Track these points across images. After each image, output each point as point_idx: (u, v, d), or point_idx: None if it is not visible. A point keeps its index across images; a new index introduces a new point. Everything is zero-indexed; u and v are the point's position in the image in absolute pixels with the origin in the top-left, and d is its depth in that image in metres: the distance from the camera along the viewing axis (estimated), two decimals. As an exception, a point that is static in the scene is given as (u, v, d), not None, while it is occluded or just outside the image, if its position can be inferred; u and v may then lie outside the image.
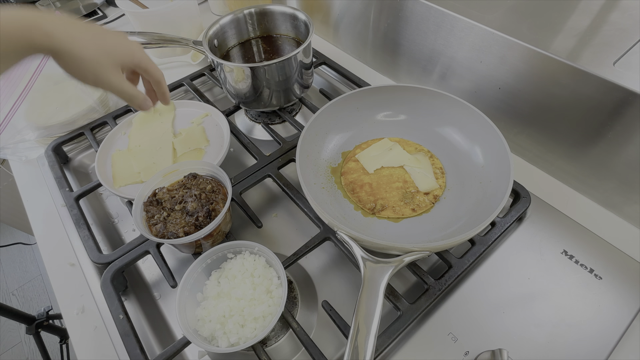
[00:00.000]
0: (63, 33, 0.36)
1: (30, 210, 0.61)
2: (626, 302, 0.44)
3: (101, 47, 0.39)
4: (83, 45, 0.38)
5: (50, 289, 1.57)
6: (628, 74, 0.45)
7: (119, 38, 0.42)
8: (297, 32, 0.70)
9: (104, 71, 0.40)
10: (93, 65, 0.39)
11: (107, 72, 0.40)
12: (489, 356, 0.39)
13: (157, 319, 0.51)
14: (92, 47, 0.38)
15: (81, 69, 0.39)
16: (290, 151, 0.61)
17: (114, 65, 0.41)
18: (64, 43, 0.36)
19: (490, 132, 0.51)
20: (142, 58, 0.44)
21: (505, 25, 0.54)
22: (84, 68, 0.39)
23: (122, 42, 0.42)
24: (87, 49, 0.38)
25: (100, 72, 0.40)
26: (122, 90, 0.43)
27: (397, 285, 0.50)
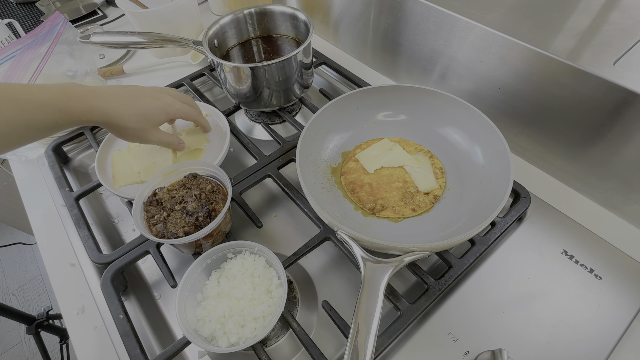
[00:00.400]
0: (114, 111, 0.47)
1: (30, 210, 0.61)
2: (626, 302, 0.44)
3: (142, 116, 0.49)
4: (128, 119, 0.48)
5: (50, 289, 1.57)
6: (628, 74, 0.45)
7: (157, 103, 0.51)
8: (297, 32, 0.70)
9: (145, 134, 0.51)
10: (137, 132, 0.50)
11: (148, 134, 0.51)
12: (489, 356, 0.39)
13: (157, 319, 0.51)
14: (135, 118, 0.49)
15: (128, 136, 0.51)
16: (290, 151, 0.61)
17: (153, 127, 0.52)
18: (114, 119, 0.47)
19: (490, 132, 0.51)
20: (177, 112, 0.54)
21: (505, 25, 0.54)
22: (130, 135, 0.50)
23: (159, 106, 0.51)
24: (132, 122, 0.48)
25: (142, 136, 0.51)
26: (160, 142, 0.54)
27: (397, 285, 0.50)
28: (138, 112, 0.49)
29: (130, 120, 0.48)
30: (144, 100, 0.50)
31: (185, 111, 0.55)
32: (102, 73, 0.83)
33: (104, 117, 0.46)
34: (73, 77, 0.71)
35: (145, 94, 0.50)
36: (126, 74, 0.85)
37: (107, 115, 0.46)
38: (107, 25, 1.04)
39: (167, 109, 0.52)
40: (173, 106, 0.53)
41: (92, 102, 0.45)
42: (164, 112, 0.52)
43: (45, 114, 0.41)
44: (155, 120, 0.51)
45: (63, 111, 0.43)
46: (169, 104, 0.52)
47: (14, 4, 1.19)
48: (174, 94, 0.56)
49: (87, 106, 0.44)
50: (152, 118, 0.50)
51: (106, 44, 0.63)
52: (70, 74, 0.71)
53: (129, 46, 0.64)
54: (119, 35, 0.63)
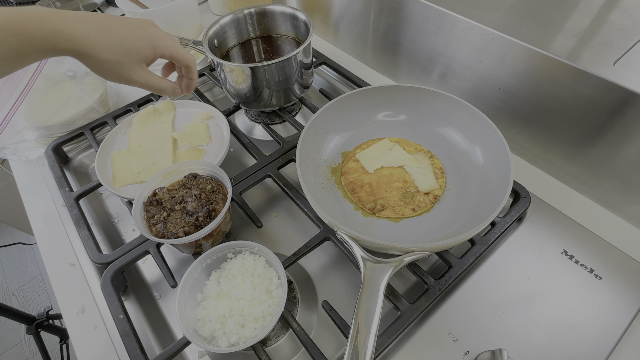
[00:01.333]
0: (84, 37, 0.37)
1: (30, 210, 0.61)
2: (626, 302, 0.44)
3: (121, 48, 0.40)
4: (103, 48, 0.39)
5: (50, 289, 1.57)
6: (628, 74, 0.45)
7: (140, 33, 0.42)
8: (297, 32, 0.70)
9: (125, 70, 0.41)
10: (114, 66, 0.40)
11: (129, 70, 0.41)
12: (489, 356, 0.39)
13: (157, 319, 0.51)
14: (112, 49, 0.39)
15: (103, 70, 0.40)
16: (290, 151, 0.61)
17: (136, 63, 0.42)
18: (85, 47, 0.38)
19: (490, 132, 0.51)
20: (166, 48, 0.44)
21: (505, 25, 0.54)
22: (106, 69, 0.40)
23: (142, 37, 0.42)
24: (107, 52, 0.39)
25: (122, 71, 0.41)
26: (147, 85, 0.44)
27: (397, 285, 0.50)
28: (116, 42, 0.39)
29: (106, 51, 0.39)
30: (124, 27, 0.41)
31: (177, 48, 0.45)
32: (102, 73, 0.83)
33: (71, 43, 0.37)
34: (73, 77, 0.71)
35: (126, 22, 0.42)
36: (126, 74, 0.85)
37: (75, 41, 0.37)
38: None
39: (153, 42, 0.42)
40: (162, 40, 0.43)
41: (56, 25, 0.36)
42: (150, 45, 0.42)
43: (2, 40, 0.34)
44: (138, 54, 0.41)
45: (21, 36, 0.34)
46: (157, 36, 0.43)
47: (14, 4, 1.19)
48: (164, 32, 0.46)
49: (50, 29, 0.36)
50: (133, 50, 0.41)
51: (106, 44, 0.63)
52: (70, 74, 0.72)
53: (129, 46, 0.64)
54: (119, 35, 0.63)
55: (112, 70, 0.41)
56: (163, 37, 0.44)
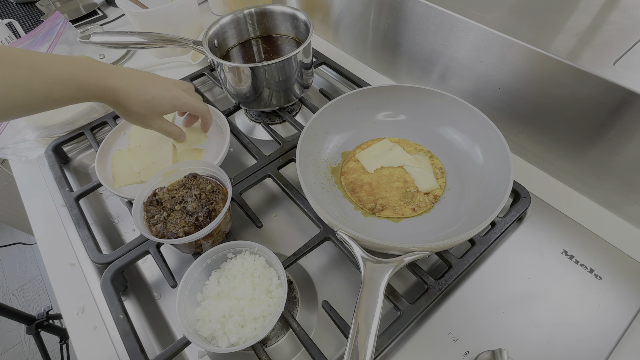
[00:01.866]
0: (125, 93, 0.49)
1: (30, 210, 0.61)
2: (626, 302, 0.44)
3: (149, 104, 0.51)
4: (135, 103, 0.50)
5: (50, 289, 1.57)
6: (628, 74, 0.45)
7: (166, 94, 0.52)
8: (297, 32, 0.70)
9: (147, 120, 0.53)
10: (140, 117, 0.52)
11: (150, 121, 0.53)
12: (489, 356, 0.39)
13: (157, 319, 0.51)
14: (142, 104, 0.50)
15: (131, 119, 0.53)
16: (290, 151, 0.61)
17: (157, 116, 0.53)
18: (123, 101, 0.49)
19: (490, 132, 0.51)
20: (184, 105, 0.55)
21: (505, 25, 0.54)
22: (133, 118, 0.52)
23: (167, 97, 0.52)
24: (138, 106, 0.50)
25: (145, 121, 0.53)
26: (161, 130, 0.55)
27: (397, 285, 0.50)
28: (146, 99, 0.50)
29: (137, 105, 0.50)
30: (154, 88, 0.51)
31: (194, 105, 0.56)
32: (102, 73, 0.83)
33: (114, 96, 0.48)
34: (73, 77, 0.71)
35: (157, 84, 0.52)
36: (126, 74, 0.85)
37: (117, 95, 0.48)
38: (107, 25, 1.04)
39: (174, 102, 0.53)
40: (181, 99, 0.54)
41: (107, 81, 0.47)
42: (171, 104, 0.53)
43: (64, 89, 0.43)
44: (160, 110, 0.52)
45: (80, 87, 0.45)
46: (178, 97, 0.53)
47: (14, 4, 1.19)
48: (186, 87, 0.58)
49: (103, 84, 0.46)
50: (158, 107, 0.52)
51: (106, 44, 0.63)
52: (70, 74, 0.71)
53: (129, 46, 0.64)
54: (119, 35, 0.63)
55: (137, 119, 0.52)
56: (184, 96, 0.54)
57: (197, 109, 0.57)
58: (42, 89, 0.42)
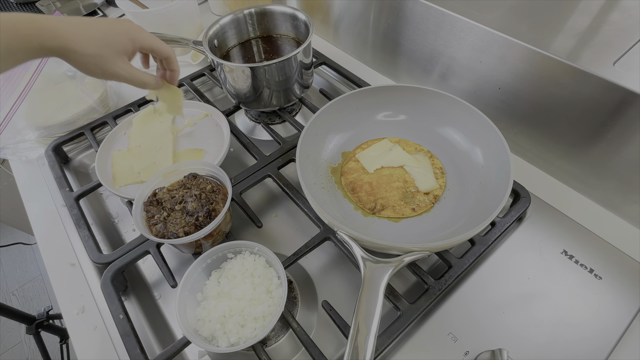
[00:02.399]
0: (68, 33, 0.40)
1: (30, 210, 0.61)
2: (626, 302, 0.44)
3: (102, 41, 0.42)
4: (86, 43, 0.41)
5: (50, 289, 1.57)
6: (628, 74, 0.45)
7: (118, 26, 0.44)
8: (297, 32, 0.70)
9: (108, 63, 0.43)
10: (97, 59, 0.43)
11: (112, 63, 0.44)
12: (489, 356, 0.39)
13: (157, 319, 0.51)
14: (94, 43, 0.42)
15: (87, 65, 0.43)
16: (290, 151, 0.61)
17: (117, 55, 0.44)
18: (69, 43, 0.41)
19: (490, 132, 0.51)
20: (144, 40, 0.46)
21: (505, 25, 0.54)
22: (89, 63, 0.43)
23: (121, 30, 0.44)
24: (90, 47, 0.42)
25: (105, 64, 0.43)
26: (130, 78, 0.46)
27: (397, 285, 0.50)
28: (96, 35, 0.42)
29: (88, 45, 0.42)
30: (103, 23, 0.44)
31: (155, 41, 0.47)
32: (102, 73, 0.83)
33: (56, 40, 0.40)
34: (73, 77, 0.71)
35: (105, 19, 0.45)
36: (126, 74, 0.85)
37: (59, 37, 0.40)
38: (107, 25, 1.04)
39: (131, 34, 0.45)
40: (140, 33, 0.46)
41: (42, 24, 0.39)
42: (128, 37, 0.45)
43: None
44: (118, 46, 0.44)
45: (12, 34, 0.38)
46: (135, 30, 0.45)
47: (14, 4, 1.19)
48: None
49: (37, 27, 0.39)
50: (113, 42, 0.43)
51: (106, 44, 0.63)
52: (70, 73, 0.72)
53: (129, 46, 0.64)
54: (119, 35, 0.63)
55: (96, 64, 0.43)
56: (140, 30, 0.46)
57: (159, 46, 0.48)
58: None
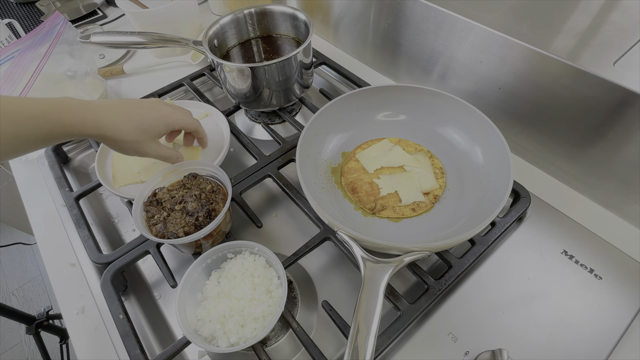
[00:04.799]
0: (109, 123, 0.44)
1: (30, 210, 0.61)
2: (626, 302, 0.44)
3: (139, 128, 0.47)
4: (125, 131, 0.46)
5: (50, 289, 1.57)
6: (628, 74, 0.45)
7: (156, 113, 0.49)
8: (297, 32, 0.70)
9: (142, 147, 0.48)
10: (133, 145, 0.47)
11: (145, 146, 0.48)
12: (489, 356, 0.39)
13: (157, 319, 0.51)
14: (132, 131, 0.46)
15: (124, 149, 0.48)
16: (290, 151, 0.61)
17: (152, 140, 0.49)
18: (110, 132, 0.45)
19: (490, 132, 0.51)
20: (176, 122, 0.51)
21: (505, 25, 0.54)
22: (126, 148, 0.47)
23: (157, 117, 0.48)
24: (128, 134, 0.46)
25: (139, 148, 0.48)
26: (158, 156, 0.51)
27: (397, 285, 0.50)
28: (135, 124, 0.46)
29: (127, 133, 0.46)
30: (141, 111, 0.48)
31: (185, 121, 0.52)
32: (102, 73, 0.83)
33: (98, 129, 0.44)
34: (73, 77, 0.71)
35: (142, 105, 0.49)
36: (126, 74, 0.85)
37: (101, 127, 0.44)
38: (107, 25, 1.04)
39: (165, 120, 0.49)
40: (172, 116, 0.50)
41: (86, 115, 0.43)
42: (163, 123, 0.49)
43: (35, 126, 0.40)
44: (153, 132, 0.48)
45: (54, 123, 0.41)
46: (168, 114, 0.50)
47: (14, 4, 1.19)
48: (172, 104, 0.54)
49: (80, 118, 0.43)
50: (150, 129, 0.48)
51: (106, 44, 0.63)
52: (70, 74, 0.71)
53: (129, 46, 0.64)
54: (119, 35, 0.63)
55: (132, 148, 0.48)
56: (173, 113, 0.51)
57: (189, 124, 0.53)
58: (10, 129, 0.38)
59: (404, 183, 0.54)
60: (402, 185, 0.54)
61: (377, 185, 0.54)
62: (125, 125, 0.46)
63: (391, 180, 0.54)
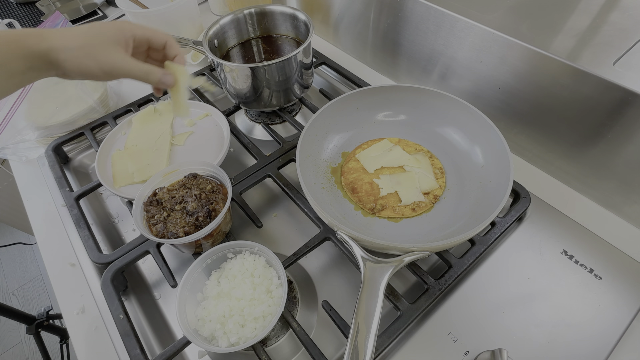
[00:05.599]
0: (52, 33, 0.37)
1: (30, 210, 0.61)
2: (626, 302, 0.44)
3: (88, 33, 0.39)
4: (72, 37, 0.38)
5: (50, 289, 1.57)
6: (628, 74, 0.45)
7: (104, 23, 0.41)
8: (297, 32, 0.70)
9: (101, 52, 0.39)
10: (88, 49, 0.38)
11: (105, 52, 0.39)
12: (489, 356, 0.39)
13: (157, 319, 0.51)
14: (80, 36, 0.38)
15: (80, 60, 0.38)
16: (290, 151, 0.61)
17: (109, 44, 0.39)
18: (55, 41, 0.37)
19: (490, 132, 0.51)
20: (135, 28, 0.42)
21: (505, 25, 0.54)
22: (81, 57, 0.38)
23: (107, 24, 0.41)
24: (77, 39, 0.38)
25: (98, 54, 0.38)
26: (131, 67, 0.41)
27: (397, 285, 0.50)
28: (81, 30, 0.39)
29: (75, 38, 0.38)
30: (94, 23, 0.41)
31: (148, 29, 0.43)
32: (102, 73, 0.83)
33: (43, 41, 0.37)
34: (73, 77, 0.70)
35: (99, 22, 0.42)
36: (126, 74, 0.85)
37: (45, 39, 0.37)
38: (107, 25, 1.04)
39: (119, 25, 0.41)
40: (129, 23, 0.42)
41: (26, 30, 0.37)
42: (117, 28, 0.40)
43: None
44: (107, 34, 0.39)
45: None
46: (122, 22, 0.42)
47: (14, 4, 1.19)
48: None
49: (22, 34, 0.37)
50: (101, 32, 0.39)
51: (106, 44, 0.63)
52: (70, 74, 0.71)
53: (129, 46, 0.64)
54: (119, 35, 0.63)
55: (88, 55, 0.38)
56: (130, 22, 0.43)
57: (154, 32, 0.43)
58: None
59: (404, 183, 0.54)
60: (402, 185, 0.54)
61: (377, 185, 0.54)
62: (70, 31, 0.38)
63: (391, 180, 0.54)
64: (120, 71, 0.40)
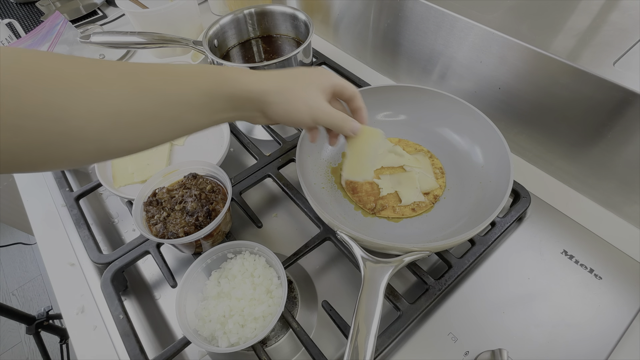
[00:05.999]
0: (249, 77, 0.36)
1: (30, 210, 0.61)
2: (626, 302, 0.44)
3: (291, 75, 0.38)
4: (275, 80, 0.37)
5: (50, 289, 1.57)
6: (628, 74, 0.45)
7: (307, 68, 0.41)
8: (297, 32, 0.70)
9: (310, 95, 0.38)
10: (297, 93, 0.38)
11: (314, 95, 0.38)
12: (489, 356, 0.39)
13: (157, 319, 0.51)
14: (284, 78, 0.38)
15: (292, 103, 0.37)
16: (290, 151, 0.61)
17: (321, 91, 0.39)
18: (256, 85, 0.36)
19: (490, 132, 0.51)
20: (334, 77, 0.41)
21: (505, 25, 0.54)
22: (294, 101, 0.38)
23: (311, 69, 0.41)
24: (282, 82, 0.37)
25: (308, 96, 0.38)
26: (334, 115, 0.40)
27: (397, 285, 0.50)
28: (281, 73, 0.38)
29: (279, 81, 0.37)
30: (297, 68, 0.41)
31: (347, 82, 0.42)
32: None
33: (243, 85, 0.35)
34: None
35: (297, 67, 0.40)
36: (126, 74, 0.85)
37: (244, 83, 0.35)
38: (107, 25, 1.04)
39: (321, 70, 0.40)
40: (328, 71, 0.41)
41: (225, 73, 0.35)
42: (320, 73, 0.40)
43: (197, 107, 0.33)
44: (311, 78, 0.39)
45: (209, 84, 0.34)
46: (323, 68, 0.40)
47: (14, 4, 1.19)
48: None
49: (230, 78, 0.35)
50: (315, 80, 0.39)
51: (106, 44, 0.63)
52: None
53: (129, 46, 0.64)
54: (119, 35, 0.63)
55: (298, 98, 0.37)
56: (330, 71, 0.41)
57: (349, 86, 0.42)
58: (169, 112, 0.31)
59: (404, 183, 0.54)
60: (402, 185, 0.54)
61: (377, 185, 0.54)
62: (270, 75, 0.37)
63: (391, 180, 0.54)
64: (324, 117, 0.39)
